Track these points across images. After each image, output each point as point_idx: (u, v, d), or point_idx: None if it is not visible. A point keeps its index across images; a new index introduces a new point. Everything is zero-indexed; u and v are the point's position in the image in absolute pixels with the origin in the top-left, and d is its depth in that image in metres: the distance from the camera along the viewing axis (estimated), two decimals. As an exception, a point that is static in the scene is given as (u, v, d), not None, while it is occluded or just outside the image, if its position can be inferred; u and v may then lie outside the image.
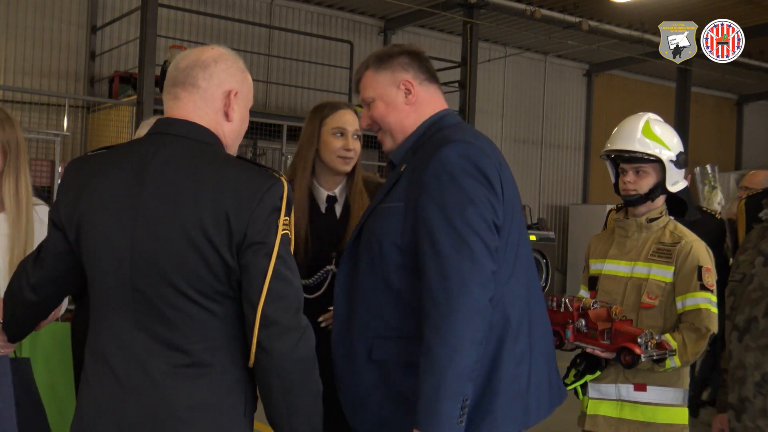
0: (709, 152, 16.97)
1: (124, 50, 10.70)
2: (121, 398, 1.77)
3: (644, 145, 2.79)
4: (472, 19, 11.58)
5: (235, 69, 1.94)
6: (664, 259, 2.76)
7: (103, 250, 1.81)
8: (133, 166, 1.81)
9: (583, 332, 2.64)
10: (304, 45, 12.28)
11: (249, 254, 1.73)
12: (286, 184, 1.80)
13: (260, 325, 1.72)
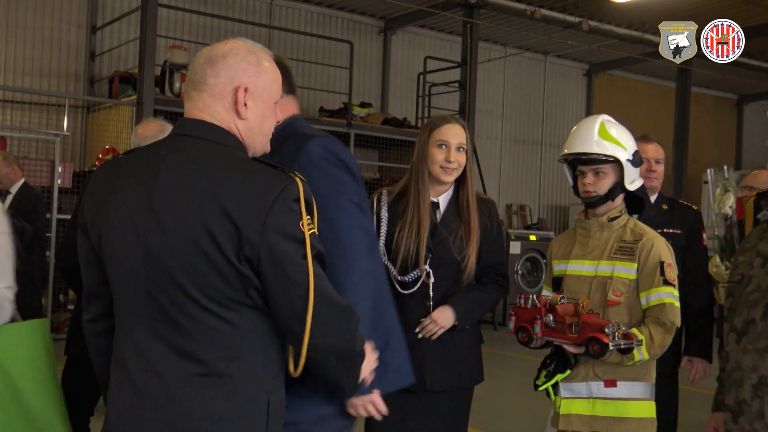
0: (709, 152, 16.99)
1: (124, 50, 10.70)
2: (139, 407, 1.74)
3: (601, 147, 2.85)
4: (472, 19, 11.58)
5: (247, 63, 1.83)
6: (626, 256, 2.81)
7: (120, 255, 1.78)
8: (148, 169, 1.78)
9: (551, 327, 2.68)
10: (304, 45, 12.28)
11: (275, 266, 1.68)
12: (301, 183, 1.74)
13: (310, 337, 1.70)
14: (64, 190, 9.11)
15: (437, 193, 3.03)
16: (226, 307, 1.70)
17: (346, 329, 1.78)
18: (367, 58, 13.12)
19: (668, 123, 14.49)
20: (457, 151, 2.97)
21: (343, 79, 11.91)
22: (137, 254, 1.74)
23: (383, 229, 2.98)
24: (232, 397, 1.71)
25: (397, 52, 13.50)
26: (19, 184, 6.03)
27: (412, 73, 13.08)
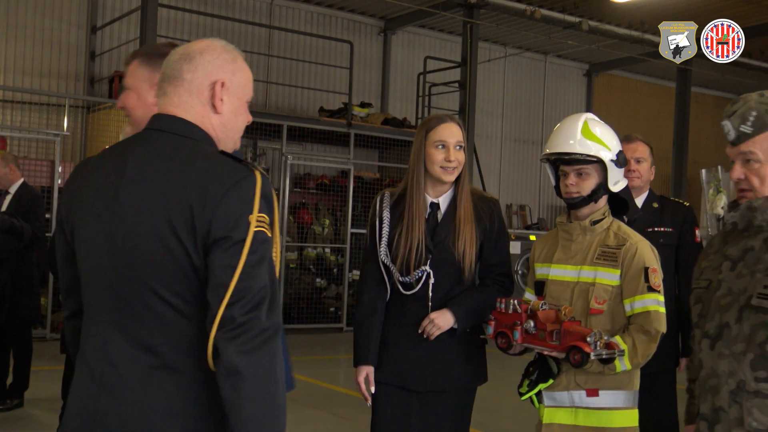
0: (709, 152, 16.99)
1: (124, 50, 10.71)
2: (95, 398, 1.75)
3: (584, 146, 2.76)
4: (472, 19, 11.59)
5: (223, 60, 1.86)
6: (609, 262, 2.73)
7: (88, 249, 1.81)
8: (117, 164, 1.80)
9: (532, 333, 2.62)
10: (304, 45, 12.29)
11: (213, 251, 1.67)
12: (260, 177, 1.74)
13: (219, 325, 1.64)
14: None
15: (437, 194, 3.00)
16: (184, 300, 1.71)
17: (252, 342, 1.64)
18: (367, 58, 13.13)
19: (668, 123, 14.50)
20: (456, 150, 2.94)
21: (343, 79, 11.91)
22: (102, 247, 1.77)
23: (385, 231, 2.97)
24: (182, 391, 1.71)
25: (397, 52, 13.51)
26: (18, 183, 6.01)
27: (412, 73, 13.08)
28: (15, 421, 5.57)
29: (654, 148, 3.95)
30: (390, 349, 2.97)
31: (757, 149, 2.08)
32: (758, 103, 2.14)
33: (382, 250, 2.96)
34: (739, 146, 2.12)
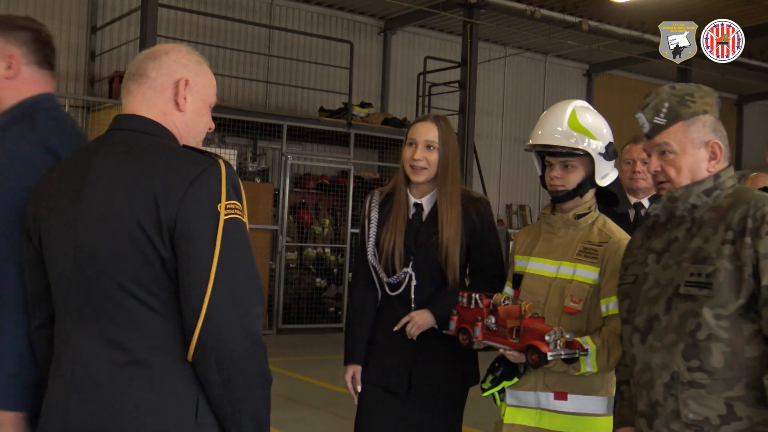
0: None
1: (124, 50, 10.71)
2: (67, 398, 1.73)
3: (571, 138, 2.61)
4: (472, 19, 11.59)
5: (188, 60, 1.90)
6: (590, 259, 2.59)
7: (55, 250, 1.81)
8: (81, 164, 1.82)
9: (493, 330, 2.49)
10: (304, 45, 12.29)
11: (183, 244, 1.66)
12: (224, 167, 1.73)
13: (205, 327, 1.64)
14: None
15: (421, 194, 2.92)
16: (152, 295, 1.69)
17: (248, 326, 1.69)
18: (367, 58, 13.13)
19: (668, 123, 14.45)
20: (425, 149, 2.84)
21: (343, 79, 11.91)
22: (69, 249, 1.76)
23: (373, 230, 2.92)
24: (153, 387, 1.69)
25: (397, 52, 13.51)
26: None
27: (412, 73, 13.08)
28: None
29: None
30: (376, 349, 2.93)
31: (671, 140, 2.09)
32: (670, 95, 2.12)
33: (369, 250, 2.92)
34: (654, 138, 2.12)
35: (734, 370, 1.95)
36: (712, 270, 1.98)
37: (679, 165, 2.09)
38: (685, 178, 2.09)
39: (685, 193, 2.09)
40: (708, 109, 2.11)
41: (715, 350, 1.96)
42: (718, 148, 2.09)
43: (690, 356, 1.99)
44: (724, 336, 1.96)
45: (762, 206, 1.97)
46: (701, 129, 2.09)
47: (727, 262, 1.97)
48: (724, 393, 1.96)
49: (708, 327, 1.96)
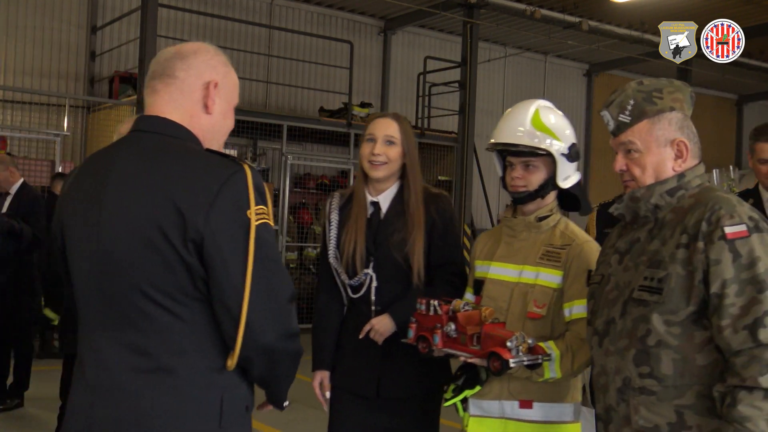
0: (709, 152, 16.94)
1: (124, 50, 10.71)
2: (91, 402, 1.72)
3: (533, 137, 2.54)
4: (472, 19, 11.58)
5: (217, 61, 1.86)
6: (552, 263, 2.50)
7: (77, 252, 1.79)
8: (103, 166, 1.80)
9: (453, 337, 2.38)
10: (304, 45, 12.28)
11: (214, 255, 1.64)
12: (249, 171, 1.70)
13: (246, 337, 1.65)
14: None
15: (378, 192, 2.83)
16: (174, 300, 1.68)
17: (287, 327, 1.72)
18: (367, 58, 13.12)
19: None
20: (385, 144, 2.76)
21: (343, 79, 11.90)
22: (90, 252, 1.75)
23: (333, 233, 2.84)
24: (177, 392, 1.68)
25: (397, 52, 13.50)
26: (18, 184, 6.00)
27: (412, 73, 13.08)
28: (15, 421, 5.58)
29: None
30: (344, 353, 2.86)
31: (636, 138, 2.03)
32: (636, 92, 2.05)
33: (330, 252, 2.84)
34: (619, 137, 2.06)
35: (685, 378, 1.90)
36: (664, 275, 1.92)
37: (644, 164, 2.03)
38: (650, 177, 2.03)
39: (646, 193, 2.03)
40: (676, 105, 2.04)
41: (665, 357, 1.91)
42: (684, 146, 2.02)
43: (640, 362, 1.94)
44: (673, 343, 1.90)
45: (718, 209, 1.89)
46: (667, 127, 2.02)
47: (680, 267, 1.91)
48: (674, 401, 1.90)
49: (657, 333, 1.91)
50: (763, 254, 1.84)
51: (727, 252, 1.85)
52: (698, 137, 2.08)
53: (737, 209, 1.89)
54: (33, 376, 5.90)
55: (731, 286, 1.83)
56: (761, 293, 1.81)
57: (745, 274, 1.83)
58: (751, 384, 1.77)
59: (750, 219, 1.88)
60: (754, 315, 1.80)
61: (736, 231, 1.86)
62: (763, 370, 1.76)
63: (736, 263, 1.84)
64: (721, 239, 1.86)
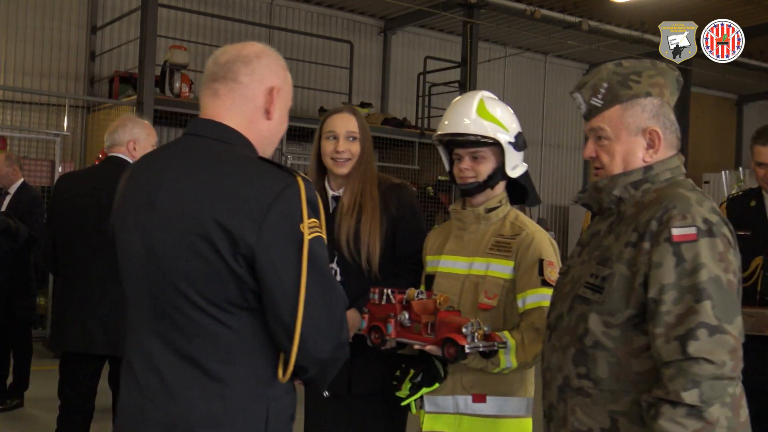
0: (709, 152, 16.99)
1: (124, 50, 10.70)
2: (141, 405, 1.73)
3: (480, 127, 2.51)
4: (472, 19, 11.59)
5: (278, 66, 1.84)
6: (503, 253, 2.48)
7: (127, 254, 1.80)
8: (156, 169, 1.78)
9: (407, 326, 2.33)
10: (304, 45, 12.28)
11: (267, 271, 1.62)
12: (303, 184, 1.68)
13: (302, 351, 1.65)
14: (64, 190, 9.09)
15: (339, 187, 2.80)
16: (223, 309, 1.66)
17: (339, 338, 1.72)
18: (367, 58, 13.12)
19: (668, 123, 14.44)
20: (347, 141, 2.75)
21: (343, 79, 11.90)
22: (140, 253, 1.74)
23: None
24: (226, 401, 1.67)
25: (397, 52, 13.50)
26: (18, 184, 6.01)
27: (412, 73, 13.08)
28: (15, 421, 5.57)
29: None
30: None
31: (606, 125, 1.90)
32: (611, 74, 1.92)
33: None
34: (590, 121, 1.94)
35: (621, 383, 1.80)
36: (608, 273, 1.82)
37: (613, 152, 1.90)
38: (618, 167, 1.91)
39: (609, 184, 1.91)
40: (653, 90, 1.90)
41: (601, 360, 1.81)
42: (656, 136, 1.89)
43: (579, 362, 1.85)
44: (610, 345, 1.80)
45: (672, 209, 1.77)
46: (639, 114, 1.88)
47: (625, 267, 1.81)
48: (608, 406, 1.81)
49: (594, 334, 1.82)
50: (709, 261, 1.71)
51: (670, 255, 1.73)
52: (677, 125, 1.95)
53: (692, 210, 1.76)
54: (33, 376, 5.90)
55: (669, 293, 1.72)
56: (698, 303, 1.69)
57: (687, 281, 1.71)
58: (674, 398, 1.66)
59: (704, 222, 1.75)
60: (687, 326, 1.68)
61: (683, 234, 1.74)
62: (688, 384, 1.66)
63: (679, 268, 1.72)
64: (666, 241, 1.74)
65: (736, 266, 1.78)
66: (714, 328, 1.68)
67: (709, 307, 1.69)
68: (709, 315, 1.68)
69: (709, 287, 1.70)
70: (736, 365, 1.69)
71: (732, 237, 1.80)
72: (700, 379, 1.66)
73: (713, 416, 1.66)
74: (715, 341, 1.67)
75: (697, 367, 1.66)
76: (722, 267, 1.73)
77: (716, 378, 1.66)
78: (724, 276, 1.72)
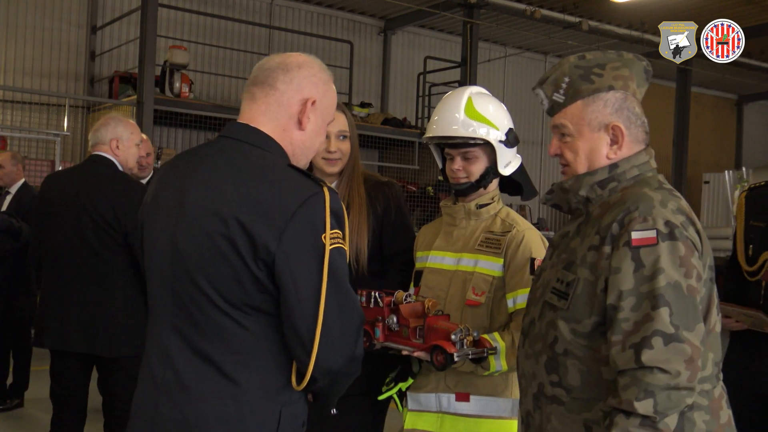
0: (709, 152, 17.00)
1: (124, 50, 10.70)
2: (155, 399, 1.75)
3: (468, 128, 2.46)
4: (472, 19, 11.59)
5: (318, 79, 1.87)
6: (492, 249, 2.44)
7: (153, 249, 1.82)
8: (188, 168, 1.80)
9: (395, 330, 2.28)
10: (304, 45, 12.28)
11: (286, 278, 1.63)
12: (328, 194, 1.69)
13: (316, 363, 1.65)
14: (64, 190, 9.10)
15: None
16: (241, 310, 1.68)
17: (353, 352, 1.72)
18: (367, 58, 13.13)
19: (668, 123, 14.49)
20: (338, 140, 2.70)
21: (343, 79, 11.90)
22: (166, 250, 1.77)
23: None
24: (239, 401, 1.69)
25: (397, 52, 13.50)
26: (19, 184, 6.03)
27: (412, 73, 13.08)
28: (15, 421, 5.57)
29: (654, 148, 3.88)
30: None
31: (567, 121, 1.84)
32: (573, 68, 1.85)
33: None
34: (553, 118, 1.89)
35: (592, 391, 1.73)
36: (573, 279, 1.76)
37: (576, 149, 1.84)
38: (582, 165, 1.84)
39: (575, 185, 1.84)
40: (617, 84, 1.83)
41: (571, 368, 1.76)
42: (619, 131, 1.81)
43: (551, 370, 1.80)
44: (579, 353, 1.75)
45: (633, 210, 1.70)
46: (601, 109, 1.81)
47: (588, 271, 1.74)
48: (582, 414, 1.75)
49: (564, 341, 1.77)
50: (668, 266, 1.64)
51: (629, 260, 1.66)
52: (645, 119, 1.87)
53: (654, 211, 1.69)
54: (33, 376, 5.89)
55: (627, 299, 1.65)
56: (655, 310, 1.62)
57: (645, 287, 1.64)
58: (626, 408, 1.61)
59: (666, 224, 1.67)
60: (643, 333, 1.62)
61: (643, 237, 1.66)
62: (641, 394, 1.60)
63: (638, 274, 1.65)
64: (626, 245, 1.67)
65: (700, 270, 1.70)
66: (670, 336, 1.61)
67: (666, 314, 1.62)
68: (665, 323, 1.61)
69: (667, 293, 1.63)
70: (693, 375, 1.62)
71: (700, 239, 1.73)
72: (653, 389, 1.60)
73: (668, 427, 1.61)
74: (671, 350, 1.60)
75: (651, 376, 1.60)
76: (683, 272, 1.65)
77: (671, 388, 1.60)
78: (685, 281, 1.65)
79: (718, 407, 1.71)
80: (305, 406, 1.82)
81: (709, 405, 1.70)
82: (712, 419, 1.69)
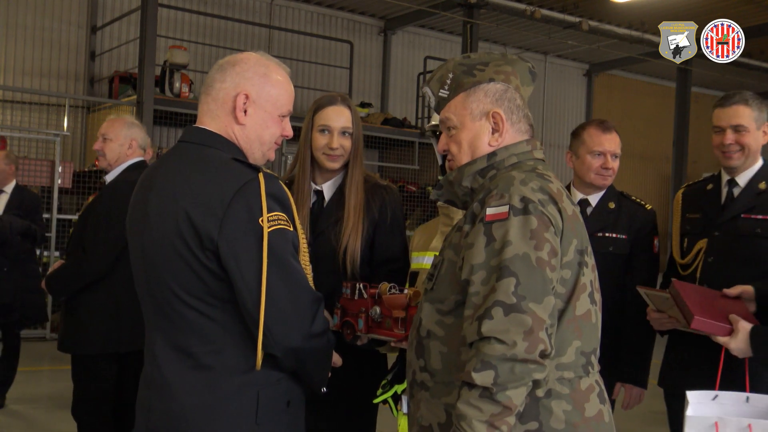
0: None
1: (124, 50, 10.70)
2: (149, 397, 1.87)
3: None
4: (472, 19, 11.59)
5: (253, 72, 1.92)
6: None
7: (132, 257, 1.95)
8: (150, 177, 1.92)
9: (378, 322, 2.26)
10: (304, 45, 12.29)
11: (230, 263, 1.73)
12: (264, 179, 1.77)
13: (273, 341, 1.75)
14: (64, 190, 9.11)
15: (323, 180, 2.70)
16: (205, 302, 1.78)
17: (309, 329, 1.80)
18: (367, 58, 13.13)
19: (668, 123, 14.49)
20: (341, 136, 2.66)
21: (343, 79, 11.91)
22: (139, 256, 1.90)
23: None
24: (214, 389, 1.78)
25: (397, 52, 13.51)
26: (12, 184, 6.01)
27: (412, 73, 13.08)
28: (14, 421, 5.58)
29: (654, 148, 3.86)
30: None
31: (451, 114, 1.85)
32: (457, 65, 1.88)
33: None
34: (440, 114, 1.89)
35: (452, 374, 1.70)
36: (439, 261, 1.80)
37: (460, 140, 1.85)
38: (465, 155, 1.84)
39: (458, 176, 1.85)
40: (498, 77, 1.84)
41: (434, 350, 1.75)
42: (500, 118, 1.81)
43: (419, 354, 1.79)
44: (440, 334, 1.74)
45: (494, 189, 1.71)
46: (482, 98, 1.83)
47: (452, 252, 1.76)
48: (443, 398, 1.72)
49: (428, 323, 1.77)
50: (516, 239, 1.62)
51: (481, 235, 1.66)
52: (529, 113, 1.88)
53: (512, 189, 1.68)
54: (32, 376, 5.89)
55: (478, 273, 1.64)
56: (499, 281, 1.60)
57: (495, 261, 1.63)
58: (467, 379, 1.57)
59: (522, 200, 1.66)
60: (486, 305, 1.60)
61: (495, 213, 1.66)
62: (478, 365, 1.56)
63: (489, 248, 1.65)
64: (480, 221, 1.68)
65: (555, 245, 1.66)
66: (510, 306, 1.58)
67: (511, 285, 1.59)
68: (506, 293, 1.59)
69: (513, 265, 1.61)
70: (532, 346, 1.56)
71: (562, 219, 1.70)
72: (489, 359, 1.56)
73: (510, 400, 1.56)
74: (510, 320, 1.57)
75: (488, 347, 1.56)
76: (533, 244, 1.63)
77: (508, 359, 1.56)
78: (534, 253, 1.62)
79: (583, 399, 1.67)
80: (291, 386, 1.88)
81: (571, 395, 1.66)
82: (575, 410, 1.65)
